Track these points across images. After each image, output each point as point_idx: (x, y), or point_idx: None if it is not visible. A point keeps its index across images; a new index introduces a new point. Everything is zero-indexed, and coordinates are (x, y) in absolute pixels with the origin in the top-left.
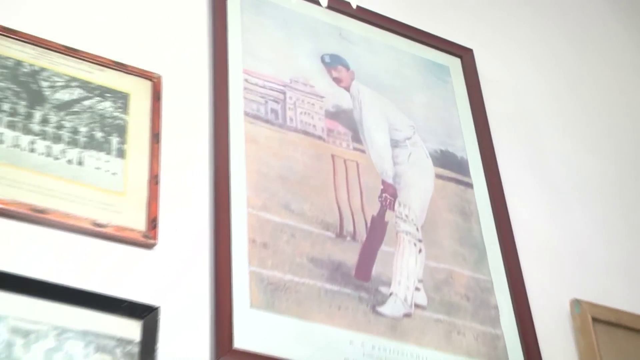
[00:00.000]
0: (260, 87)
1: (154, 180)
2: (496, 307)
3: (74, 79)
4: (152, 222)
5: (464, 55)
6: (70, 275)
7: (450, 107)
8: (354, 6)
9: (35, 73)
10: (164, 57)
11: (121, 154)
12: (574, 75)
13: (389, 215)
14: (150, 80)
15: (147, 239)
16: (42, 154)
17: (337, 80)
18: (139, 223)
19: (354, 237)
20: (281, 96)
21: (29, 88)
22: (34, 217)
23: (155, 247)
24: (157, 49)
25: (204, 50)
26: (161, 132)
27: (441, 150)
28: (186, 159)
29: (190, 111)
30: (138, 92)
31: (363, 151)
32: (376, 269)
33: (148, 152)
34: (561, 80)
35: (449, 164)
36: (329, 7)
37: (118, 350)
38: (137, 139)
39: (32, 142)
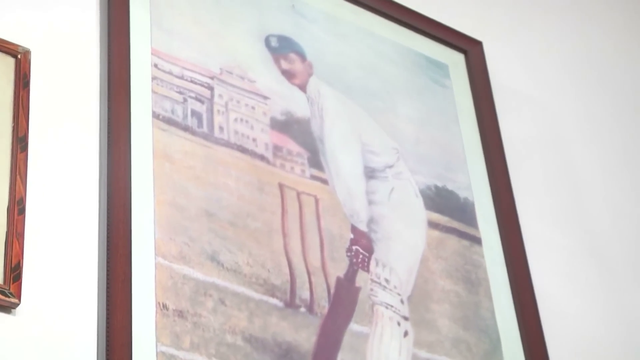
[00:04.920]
0: (177, 76)
1: (17, 207)
2: None
3: None
4: (14, 272)
5: (471, 50)
6: None
7: (449, 124)
8: None
9: None
10: (34, 23)
11: None
12: (625, 86)
13: (361, 279)
14: (13, 55)
15: (5, 297)
16: None
17: (287, 75)
18: None
19: (310, 308)
20: (207, 93)
21: None
22: None
23: (18, 309)
24: (26, 9)
25: (94, 16)
26: (29, 135)
27: (437, 187)
28: (67, 178)
29: (73, 105)
30: None
31: (325, 181)
32: (342, 357)
33: (8, 164)
34: (604, 92)
35: (447, 207)
36: None
37: None
38: None
39: None
